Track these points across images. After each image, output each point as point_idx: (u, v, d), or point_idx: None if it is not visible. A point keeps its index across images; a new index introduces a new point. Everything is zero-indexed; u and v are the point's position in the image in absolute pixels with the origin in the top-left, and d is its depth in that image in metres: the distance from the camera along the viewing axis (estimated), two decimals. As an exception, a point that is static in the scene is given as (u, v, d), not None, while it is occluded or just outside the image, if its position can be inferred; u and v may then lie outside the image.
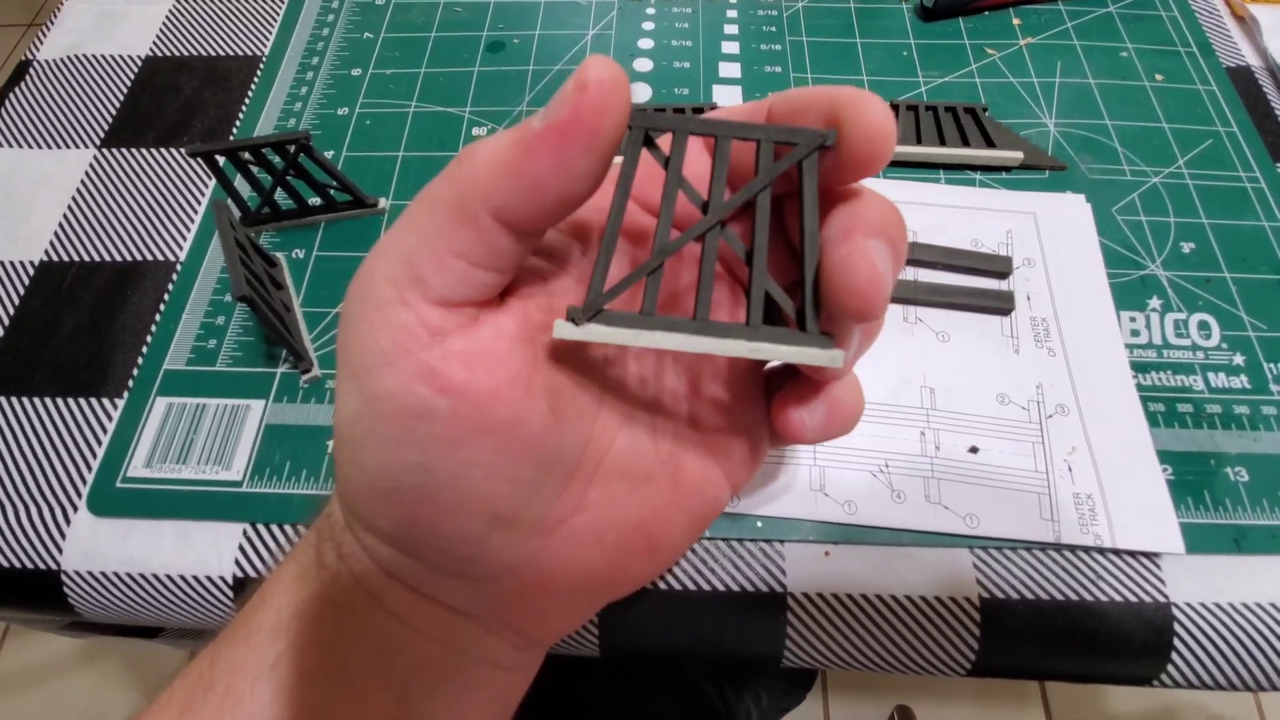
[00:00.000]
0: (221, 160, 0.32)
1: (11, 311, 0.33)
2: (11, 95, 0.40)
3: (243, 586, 0.28)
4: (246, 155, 0.30)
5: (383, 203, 0.34)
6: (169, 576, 0.28)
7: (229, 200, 0.33)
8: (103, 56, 0.42)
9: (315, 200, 0.34)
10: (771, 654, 0.27)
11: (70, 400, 0.31)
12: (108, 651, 0.93)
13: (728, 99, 0.38)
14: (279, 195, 0.33)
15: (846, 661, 0.27)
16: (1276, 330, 0.31)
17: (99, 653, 0.93)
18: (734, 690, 0.47)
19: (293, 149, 0.30)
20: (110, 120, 0.39)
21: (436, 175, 0.15)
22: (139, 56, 0.42)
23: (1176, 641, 0.26)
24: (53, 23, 0.44)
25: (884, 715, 0.88)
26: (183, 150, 0.38)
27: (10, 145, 0.39)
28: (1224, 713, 0.86)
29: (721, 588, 0.27)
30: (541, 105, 0.38)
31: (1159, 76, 0.38)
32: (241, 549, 0.28)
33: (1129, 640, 0.26)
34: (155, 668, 0.93)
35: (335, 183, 0.32)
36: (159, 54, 0.42)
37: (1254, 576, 0.27)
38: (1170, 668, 0.26)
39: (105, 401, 0.31)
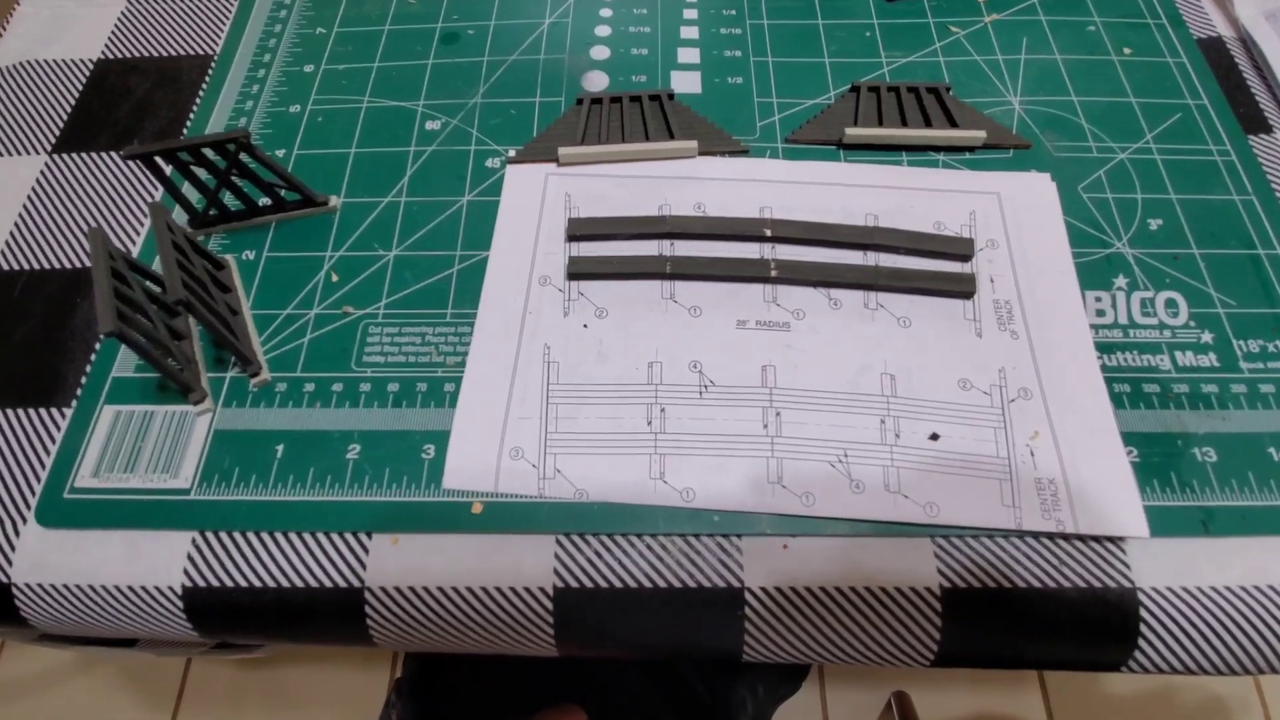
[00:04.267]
0: (169, 166, 0.31)
1: (-41, 322, 0.33)
2: (-39, 103, 0.40)
3: (192, 596, 0.27)
4: (186, 157, 0.30)
5: (334, 200, 0.34)
6: (118, 587, 0.27)
7: (176, 204, 0.32)
8: (54, 61, 0.41)
9: (265, 200, 0.33)
10: (730, 651, 0.27)
11: (20, 411, 0.30)
12: (106, 660, 0.93)
13: (686, 85, 0.37)
14: (227, 197, 0.32)
15: (807, 656, 0.27)
16: (1246, 306, 0.30)
17: (97, 661, 0.93)
18: (727, 683, 0.47)
19: (233, 148, 0.29)
20: (62, 125, 0.39)
21: None
22: (90, 60, 0.41)
23: (1143, 627, 0.26)
24: (5, 28, 0.43)
25: (881, 702, 0.87)
26: (116, 153, 0.37)
27: (-40, 153, 0.38)
28: (1222, 689, 0.85)
29: (677, 584, 0.26)
30: (497, 96, 0.37)
31: (1127, 50, 0.37)
32: (190, 558, 0.27)
33: (1094, 626, 0.26)
34: (154, 676, 0.93)
35: (282, 181, 0.32)
36: (111, 56, 0.41)
37: (1223, 559, 0.26)
38: (1138, 654, 0.26)
39: (54, 411, 0.30)
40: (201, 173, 0.31)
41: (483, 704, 0.44)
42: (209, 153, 0.30)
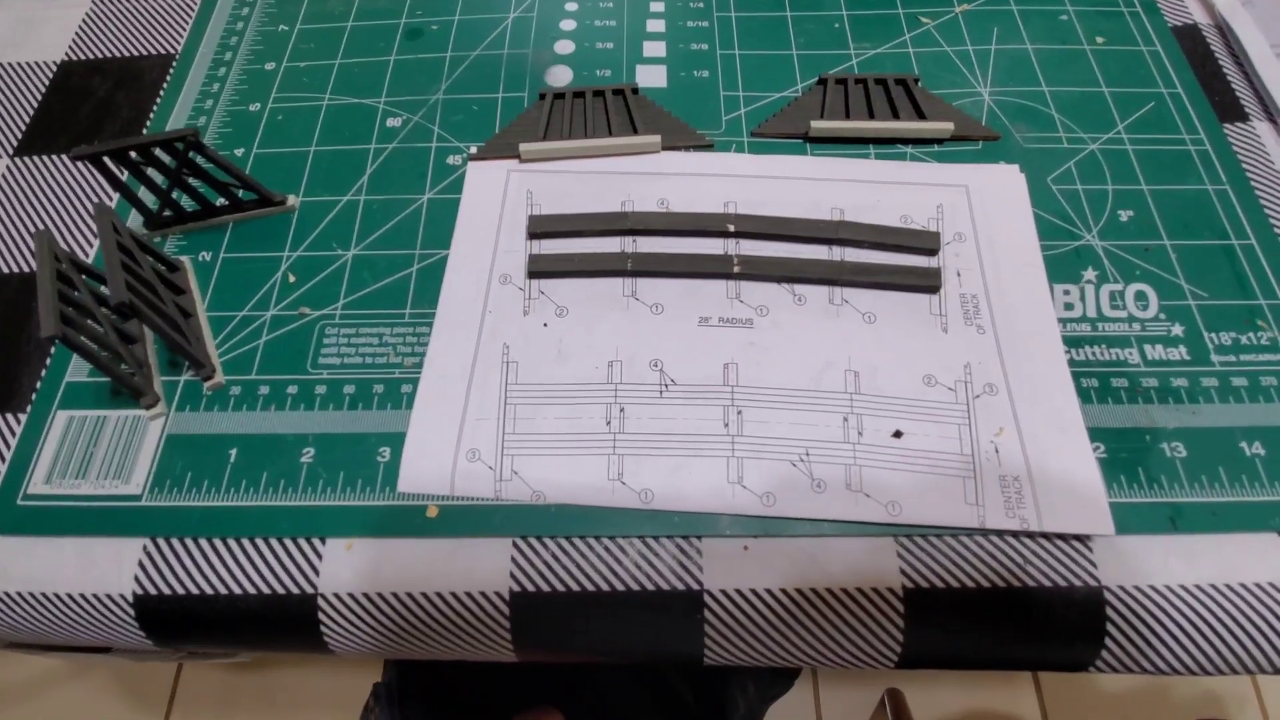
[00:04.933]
0: (123, 169, 0.30)
1: (-87, 328, 0.32)
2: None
3: (143, 604, 0.27)
4: (137, 157, 0.29)
5: (292, 200, 0.33)
6: (70, 595, 0.27)
7: (131, 206, 0.32)
8: (20, 64, 0.41)
9: (221, 201, 0.32)
10: (691, 654, 0.26)
11: (-27, 417, 0.30)
12: (97, 667, 0.93)
13: (652, 79, 0.36)
14: (183, 198, 0.32)
15: (769, 659, 0.26)
16: (1219, 298, 0.30)
17: (88, 666, 0.93)
18: (715, 683, 0.46)
19: (182, 146, 0.29)
20: (24, 128, 0.38)
21: None
22: (54, 62, 0.41)
23: (1109, 626, 0.25)
24: (-31, 32, 0.43)
25: (874, 699, 0.87)
26: (68, 156, 0.36)
27: (-82, 157, 0.38)
28: (1217, 685, 0.85)
29: (635, 587, 0.26)
30: (459, 92, 0.37)
31: (1100, 39, 0.37)
32: (141, 565, 0.27)
33: (1060, 626, 0.25)
34: (146, 680, 0.92)
35: (237, 180, 0.31)
36: (74, 58, 0.41)
37: (1191, 557, 0.26)
38: (1105, 654, 0.25)
39: (9, 417, 0.30)
40: (154, 173, 0.31)
41: (462, 708, 0.43)
42: (160, 153, 0.30)
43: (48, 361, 0.31)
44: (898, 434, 0.27)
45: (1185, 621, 0.25)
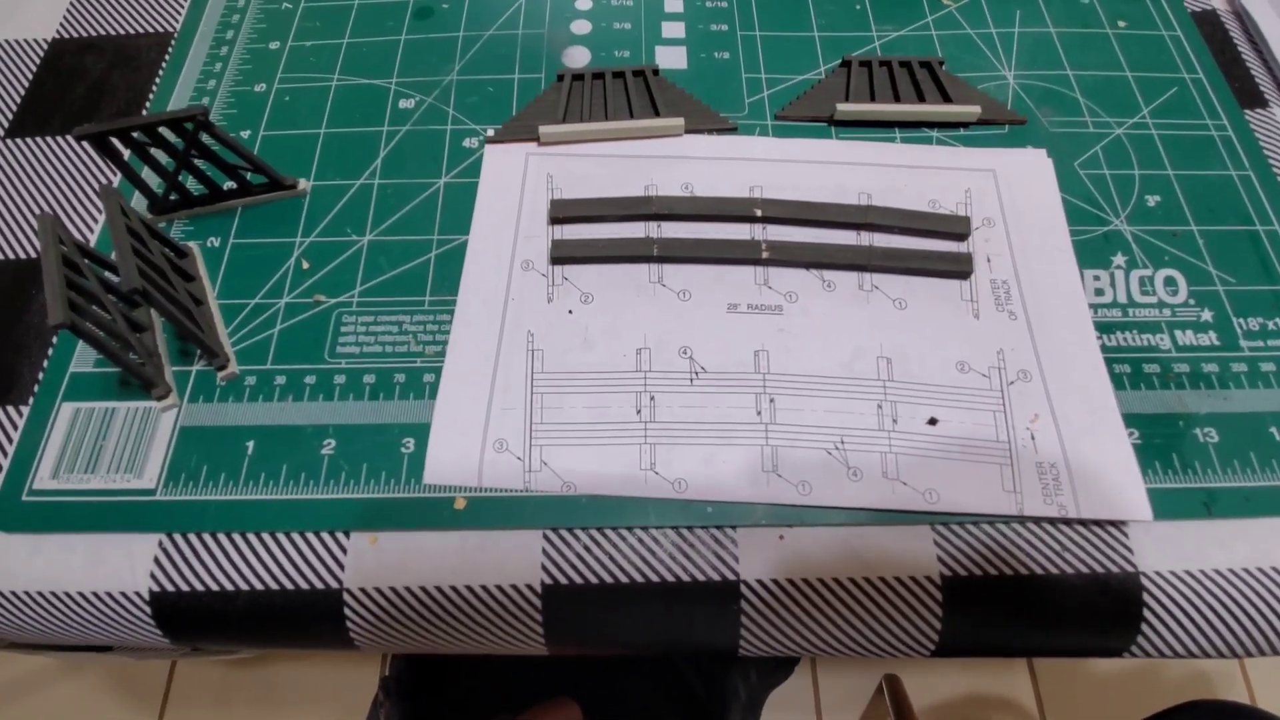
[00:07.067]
0: (126, 149, 0.29)
1: (-96, 317, 0.31)
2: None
3: (160, 602, 0.26)
4: (141, 136, 0.28)
5: (303, 183, 0.32)
6: (81, 594, 0.26)
7: (134, 189, 0.31)
8: (8, 42, 0.39)
9: (229, 184, 0.31)
10: (727, 645, 0.26)
11: (-29, 410, 0.29)
12: (91, 664, 0.91)
13: (672, 61, 0.36)
14: (189, 181, 0.31)
15: (806, 649, 0.26)
16: (1246, 284, 0.30)
17: (81, 663, 0.91)
18: (720, 671, 0.46)
19: (191, 126, 0.28)
20: (14, 109, 0.37)
21: None
22: (45, 40, 0.39)
23: (1146, 612, 0.25)
24: (-49, 6, 0.41)
25: (872, 685, 0.88)
26: (70, 136, 0.35)
27: (-98, 138, 0.36)
28: (1206, 665, 0.86)
29: (670, 578, 0.25)
30: (474, 73, 0.36)
31: (1121, 23, 0.37)
32: (157, 561, 0.26)
33: (1097, 613, 0.25)
34: (140, 677, 0.91)
35: (246, 163, 0.30)
36: (66, 35, 0.39)
37: (1226, 541, 0.26)
38: (1140, 639, 0.25)
39: (10, 410, 0.29)
40: (160, 155, 0.29)
41: (473, 700, 0.43)
42: (167, 133, 0.29)
43: (49, 352, 0.29)
44: (933, 421, 0.27)
45: (1219, 605, 0.25)
